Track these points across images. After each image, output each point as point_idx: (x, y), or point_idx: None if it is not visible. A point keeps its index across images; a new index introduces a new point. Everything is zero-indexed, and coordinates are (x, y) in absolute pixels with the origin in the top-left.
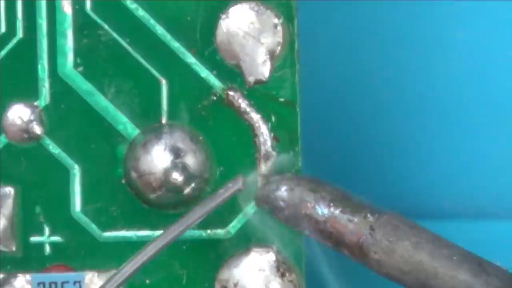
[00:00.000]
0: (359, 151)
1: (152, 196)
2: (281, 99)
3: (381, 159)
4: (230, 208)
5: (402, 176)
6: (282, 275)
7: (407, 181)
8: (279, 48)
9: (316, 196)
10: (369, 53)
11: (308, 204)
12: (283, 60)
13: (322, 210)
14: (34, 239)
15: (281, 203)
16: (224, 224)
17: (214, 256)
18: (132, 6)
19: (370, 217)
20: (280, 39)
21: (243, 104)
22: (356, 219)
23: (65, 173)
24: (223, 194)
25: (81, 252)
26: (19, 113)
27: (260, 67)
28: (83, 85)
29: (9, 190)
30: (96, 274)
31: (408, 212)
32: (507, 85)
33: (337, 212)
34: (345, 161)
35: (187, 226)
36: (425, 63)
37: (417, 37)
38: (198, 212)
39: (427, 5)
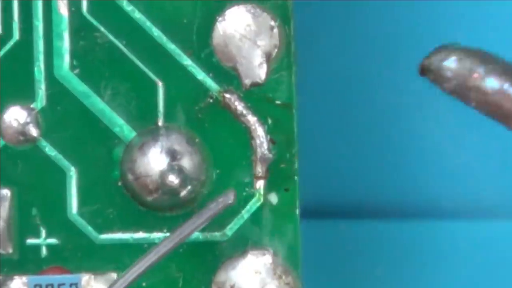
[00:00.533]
0: (357, 152)
1: (149, 198)
2: (278, 102)
3: (380, 160)
4: (226, 210)
5: (402, 176)
6: (279, 278)
7: (407, 181)
8: (276, 50)
9: (486, 67)
10: (366, 54)
11: (478, 75)
12: (280, 62)
13: (492, 82)
14: (30, 241)
15: (448, 73)
16: (220, 226)
17: (211, 258)
18: (128, 8)
19: None
20: (276, 42)
21: (239, 106)
22: None
23: (62, 175)
24: (213, 208)
25: (77, 254)
26: (15, 115)
27: (257, 69)
28: (80, 87)
29: (6, 192)
30: (92, 276)
31: (408, 212)
32: None
33: (507, 85)
34: (343, 163)
35: (175, 244)
36: None
37: (417, 37)
38: (188, 228)
39: (427, 5)
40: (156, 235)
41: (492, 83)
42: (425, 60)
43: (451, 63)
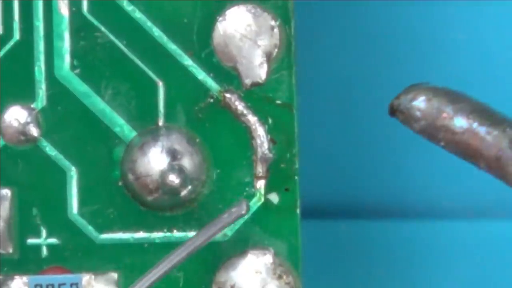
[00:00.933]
0: (357, 152)
1: (149, 198)
2: (278, 101)
3: (380, 160)
4: None
5: (402, 176)
6: (279, 278)
7: (407, 181)
8: (276, 50)
9: (454, 107)
10: (367, 54)
11: (446, 115)
12: (280, 62)
13: (460, 122)
14: (31, 241)
15: (418, 113)
16: None
17: (211, 258)
18: (129, 8)
19: (509, 131)
20: (277, 41)
21: (240, 106)
22: (495, 132)
23: (62, 175)
24: (226, 219)
25: (78, 254)
26: (16, 115)
27: (257, 69)
28: (80, 87)
29: (6, 192)
30: (93, 276)
31: (408, 212)
32: (506, 86)
33: (475, 124)
34: (343, 162)
35: (187, 254)
36: (424, 63)
37: (417, 38)
38: (200, 238)
39: (426, 5)
40: (157, 235)
41: (460, 122)
42: (394, 101)
43: (420, 103)
